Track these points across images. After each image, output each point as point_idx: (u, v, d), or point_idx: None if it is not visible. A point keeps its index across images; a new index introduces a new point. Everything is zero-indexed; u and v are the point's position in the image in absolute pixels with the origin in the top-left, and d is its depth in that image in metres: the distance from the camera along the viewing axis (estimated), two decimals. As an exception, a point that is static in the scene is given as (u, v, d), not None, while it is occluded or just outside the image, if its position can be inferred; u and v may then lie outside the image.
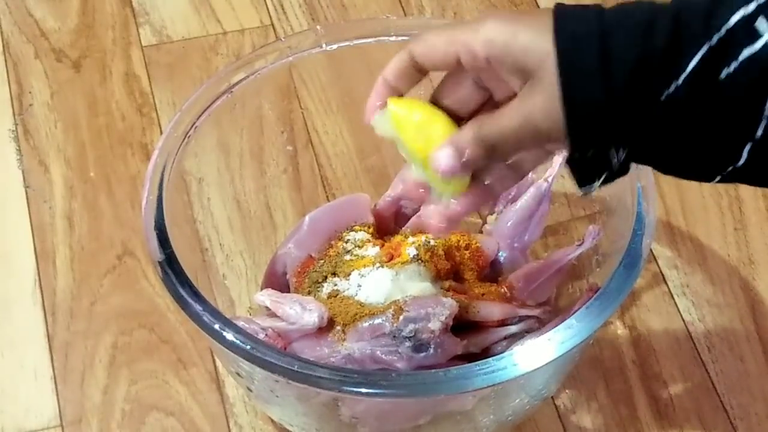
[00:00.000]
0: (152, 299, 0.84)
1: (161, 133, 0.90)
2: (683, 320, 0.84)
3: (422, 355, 0.68)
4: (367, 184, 0.84)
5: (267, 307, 0.72)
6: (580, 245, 0.75)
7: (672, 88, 0.54)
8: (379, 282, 0.72)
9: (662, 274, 0.86)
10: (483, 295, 0.74)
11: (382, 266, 0.72)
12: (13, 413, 0.79)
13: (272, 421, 0.78)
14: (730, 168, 0.56)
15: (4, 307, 0.84)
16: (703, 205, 0.90)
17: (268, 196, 0.82)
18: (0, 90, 0.95)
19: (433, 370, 0.65)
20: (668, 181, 0.90)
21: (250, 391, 0.72)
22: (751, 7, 0.54)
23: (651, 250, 0.81)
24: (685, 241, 0.88)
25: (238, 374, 0.70)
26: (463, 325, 0.71)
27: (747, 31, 0.53)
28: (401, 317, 0.68)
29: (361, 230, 0.77)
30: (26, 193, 0.89)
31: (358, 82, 0.81)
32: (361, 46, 0.78)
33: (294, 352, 0.70)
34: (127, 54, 0.97)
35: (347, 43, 0.78)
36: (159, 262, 0.67)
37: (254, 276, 0.80)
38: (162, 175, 0.71)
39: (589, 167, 0.59)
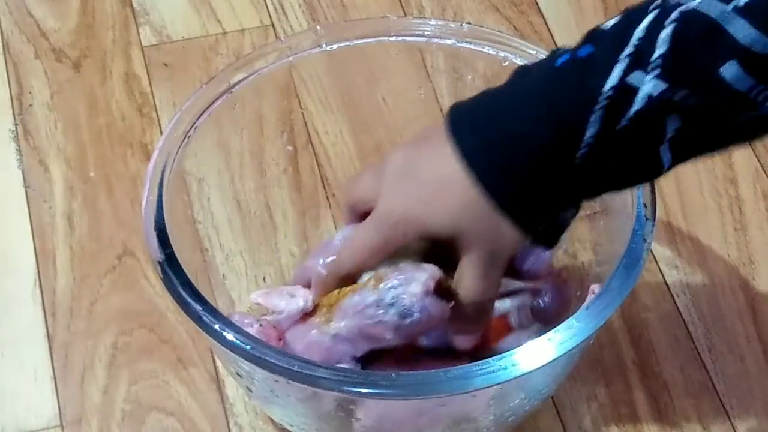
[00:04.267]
0: (152, 299, 0.84)
1: (161, 133, 0.90)
2: (683, 320, 0.84)
3: (408, 321, 0.67)
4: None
5: (259, 304, 0.72)
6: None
7: (578, 155, 0.59)
8: None
9: (662, 274, 0.86)
10: None
11: None
12: (13, 413, 0.79)
13: (272, 421, 0.78)
14: (665, 171, 0.61)
15: (4, 307, 0.84)
16: (703, 205, 0.90)
17: (268, 196, 0.82)
18: (0, 90, 0.95)
19: (432, 370, 0.65)
20: (668, 182, 0.90)
21: (250, 391, 0.72)
22: (620, 65, 0.58)
23: (651, 250, 0.81)
24: (685, 241, 0.88)
25: (238, 374, 0.70)
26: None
27: (623, 91, 0.58)
28: (381, 285, 0.67)
29: None
30: (26, 193, 0.89)
31: (358, 82, 0.81)
32: (361, 46, 0.78)
33: (288, 343, 0.70)
34: (127, 54, 0.97)
35: (347, 43, 0.78)
36: (159, 262, 0.67)
37: (254, 276, 0.80)
38: (162, 175, 0.71)
39: (550, 232, 0.66)
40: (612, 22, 0.60)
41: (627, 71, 0.57)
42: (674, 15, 0.56)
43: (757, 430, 0.79)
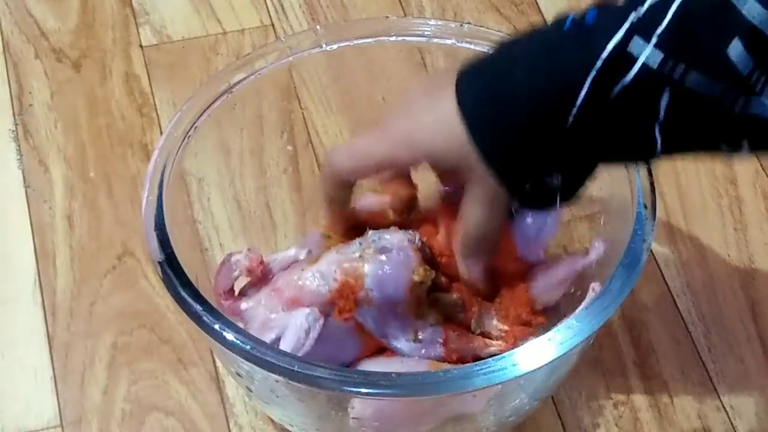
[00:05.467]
0: (152, 299, 0.84)
1: (161, 133, 0.90)
2: (683, 320, 0.84)
3: (384, 257, 0.69)
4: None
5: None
6: (585, 256, 0.74)
7: (570, 118, 0.59)
8: None
9: (662, 274, 0.86)
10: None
11: None
12: (13, 413, 0.79)
13: (272, 421, 0.78)
14: (657, 154, 0.60)
15: (4, 307, 0.84)
16: (703, 205, 0.90)
17: (268, 196, 0.82)
18: (0, 90, 0.95)
19: (433, 370, 0.65)
20: (668, 181, 0.90)
21: (250, 391, 0.72)
22: (622, 31, 0.57)
23: (651, 250, 0.81)
24: (685, 241, 0.88)
25: (238, 374, 0.70)
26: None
27: (621, 57, 0.57)
28: (366, 235, 0.71)
29: None
30: (26, 193, 0.89)
31: (358, 82, 0.81)
32: (361, 46, 0.78)
33: (271, 283, 0.71)
34: (127, 54, 0.97)
35: (347, 43, 0.78)
36: (159, 262, 0.67)
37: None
38: (162, 175, 0.71)
39: (537, 197, 0.65)
40: None
41: (628, 37, 0.57)
42: None
43: (757, 430, 0.79)
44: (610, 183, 0.72)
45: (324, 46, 0.78)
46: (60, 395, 0.80)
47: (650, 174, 0.70)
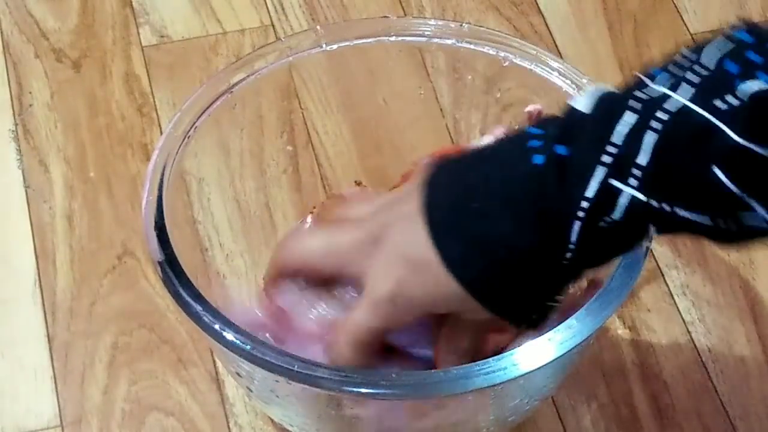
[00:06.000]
0: (152, 299, 0.84)
1: (161, 133, 0.90)
2: (683, 320, 0.84)
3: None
4: (368, 185, 0.84)
5: None
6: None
7: (567, 254, 0.58)
8: None
9: (662, 274, 0.86)
10: None
11: None
12: (13, 413, 0.79)
13: (272, 421, 0.78)
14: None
15: (4, 307, 0.84)
16: (703, 205, 0.90)
17: (268, 196, 0.82)
18: (0, 90, 0.95)
19: (433, 371, 0.65)
20: (668, 181, 0.90)
21: (250, 391, 0.72)
22: (601, 172, 0.56)
23: (651, 250, 0.81)
24: (685, 241, 0.88)
25: (238, 374, 0.70)
26: None
27: (604, 199, 0.56)
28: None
29: None
30: (26, 193, 0.89)
31: (358, 82, 0.81)
32: (361, 46, 0.78)
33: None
34: (127, 54, 0.97)
35: (347, 43, 0.78)
36: (159, 262, 0.67)
37: (254, 276, 0.79)
38: (162, 175, 0.71)
39: (544, 317, 0.64)
40: (586, 106, 0.57)
41: (606, 178, 0.55)
42: (659, 117, 0.54)
43: (757, 430, 0.79)
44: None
45: (324, 46, 0.78)
46: (60, 395, 0.80)
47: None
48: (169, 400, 0.80)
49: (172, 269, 0.67)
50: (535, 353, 0.63)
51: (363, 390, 0.63)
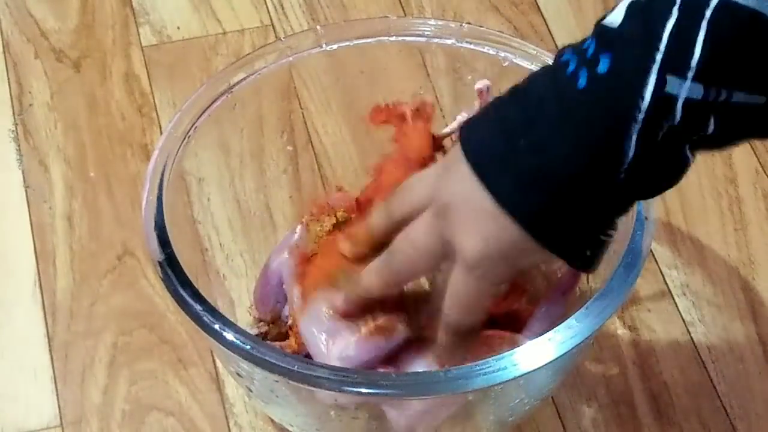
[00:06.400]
0: (152, 299, 0.84)
1: (161, 133, 0.90)
2: (683, 320, 0.84)
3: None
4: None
5: None
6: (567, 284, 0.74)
7: (621, 174, 0.57)
8: None
9: (662, 274, 0.86)
10: None
11: None
12: (13, 413, 0.79)
13: (272, 421, 0.78)
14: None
15: (4, 307, 0.84)
16: (703, 205, 0.90)
17: (268, 196, 0.82)
18: (0, 90, 0.95)
19: (433, 370, 0.65)
20: (668, 181, 0.90)
21: (250, 391, 0.72)
22: (653, 75, 0.55)
23: (651, 250, 0.81)
24: (685, 241, 0.88)
25: (238, 374, 0.70)
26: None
27: (661, 103, 0.55)
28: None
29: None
30: (26, 193, 0.89)
31: (358, 82, 0.81)
32: (361, 46, 0.78)
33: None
34: (127, 54, 0.97)
35: (347, 43, 0.78)
36: (159, 262, 0.67)
37: (254, 276, 0.79)
38: (162, 175, 0.71)
39: (597, 256, 0.62)
40: (619, 18, 0.56)
41: (661, 79, 0.54)
42: (707, 12, 0.53)
43: (757, 430, 0.79)
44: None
45: (324, 46, 0.78)
46: (60, 395, 0.80)
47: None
48: (169, 400, 0.80)
49: (172, 269, 0.67)
50: (535, 353, 0.63)
51: (363, 390, 0.63)
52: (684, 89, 0.54)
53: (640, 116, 0.55)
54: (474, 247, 0.61)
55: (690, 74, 0.54)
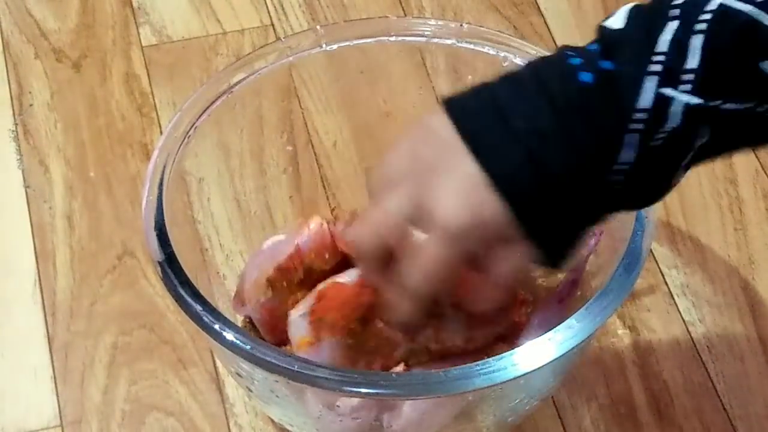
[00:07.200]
0: (152, 299, 0.84)
1: (161, 133, 0.90)
2: (683, 320, 0.84)
3: None
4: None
5: None
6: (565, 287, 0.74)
7: (612, 177, 0.57)
8: None
9: (662, 274, 0.86)
10: None
11: None
12: (13, 413, 0.79)
13: (272, 421, 0.78)
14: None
15: (4, 307, 0.84)
16: (703, 205, 0.90)
17: (268, 196, 0.82)
18: (0, 90, 0.95)
19: (433, 370, 0.65)
20: (668, 181, 0.90)
21: (250, 391, 0.72)
22: (653, 81, 0.55)
23: (651, 250, 0.81)
24: (685, 241, 0.88)
25: (238, 374, 0.70)
26: None
27: (657, 109, 0.55)
28: None
29: None
30: (26, 193, 0.89)
31: (358, 82, 0.81)
32: (361, 46, 0.78)
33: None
34: (127, 54, 0.97)
35: (347, 43, 0.78)
36: (159, 262, 0.67)
37: (254, 276, 0.80)
38: (162, 175, 0.71)
39: (569, 255, 0.61)
40: (619, 22, 0.57)
41: (661, 86, 0.55)
42: (702, 19, 0.54)
43: (757, 430, 0.79)
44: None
45: (324, 46, 0.78)
46: (60, 395, 0.80)
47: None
48: (169, 400, 0.80)
49: (172, 269, 0.67)
50: (535, 353, 0.63)
51: (363, 390, 0.63)
52: (681, 98, 0.55)
53: (636, 120, 0.56)
54: (455, 213, 0.59)
55: (687, 85, 0.55)
